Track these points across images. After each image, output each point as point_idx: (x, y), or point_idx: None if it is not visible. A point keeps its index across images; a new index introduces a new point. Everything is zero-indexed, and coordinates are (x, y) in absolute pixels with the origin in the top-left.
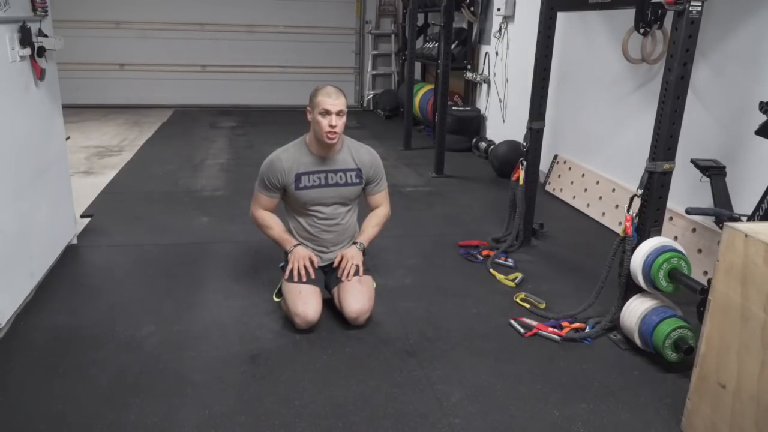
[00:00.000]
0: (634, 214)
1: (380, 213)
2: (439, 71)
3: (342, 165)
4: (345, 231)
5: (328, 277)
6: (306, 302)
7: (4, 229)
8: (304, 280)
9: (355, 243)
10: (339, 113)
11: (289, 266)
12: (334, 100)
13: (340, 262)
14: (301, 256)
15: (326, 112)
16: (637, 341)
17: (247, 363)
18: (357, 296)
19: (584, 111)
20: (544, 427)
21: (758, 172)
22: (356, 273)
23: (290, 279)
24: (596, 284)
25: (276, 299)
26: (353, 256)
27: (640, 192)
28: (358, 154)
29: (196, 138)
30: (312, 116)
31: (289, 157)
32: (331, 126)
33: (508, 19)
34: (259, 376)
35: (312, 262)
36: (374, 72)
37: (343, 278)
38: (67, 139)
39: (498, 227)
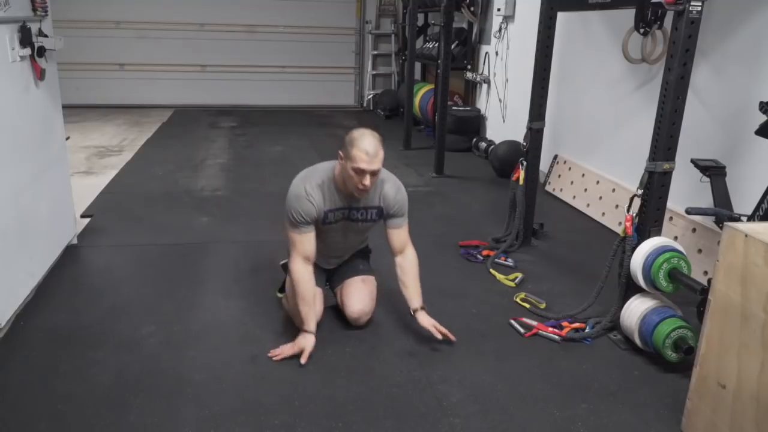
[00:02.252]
0: (634, 214)
1: (413, 261)
2: (439, 71)
3: (365, 202)
4: (356, 245)
5: (331, 276)
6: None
7: (4, 229)
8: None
9: (416, 311)
10: (374, 173)
11: (289, 346)
12: (370, 160)
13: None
14: (301, 346)
15: (361, 171)
16: (637, 341)
17: (247, 363)
18: (359, 297)
19: (584, 111)
20: (544, 427)
21: (758, 172)
22: (362, 273)
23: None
24: (596, 284)
25: (279, 295)
26: (432, 323)
27: (640, 192)
28: (383, 189)
29: (196, 138)
30: (344, 164)
31: (319, 197)
32: (364, 185)
33: (508, 19)
34: (259, 376)
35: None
36: (374, 72)
37: (440, 336)
38: (67, 139)
39: (498, 227)
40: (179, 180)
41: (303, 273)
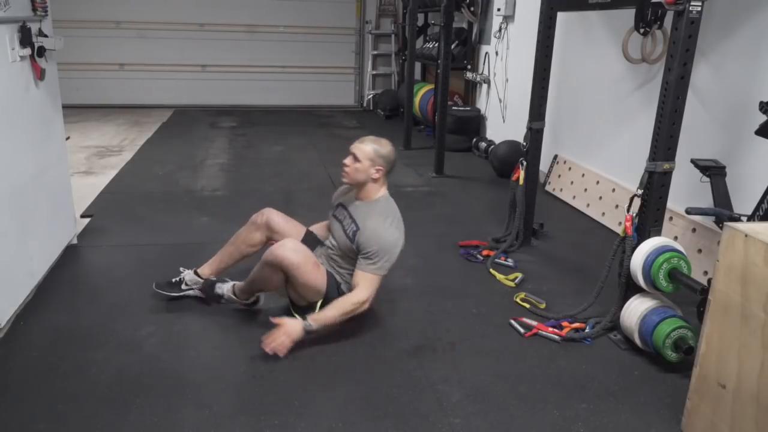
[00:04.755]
0: (634, 214)
1: (350, 297)
2: (439, 71)
3: (354, 214)
4: (336, 261)
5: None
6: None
7: (4, 229)
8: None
9: (304, 319)
10: (354, 156)
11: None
12: (356, 144)
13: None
14: (288, 333)
15: (348, 152)
16: (637, 341)
17: (247, 363)
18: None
19: (584, 111)
20: (544, 427)
21: (758, 172)
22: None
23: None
24: (596, 284)
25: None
26: (288, 333)
27: (640, 192)
28: (369, 218)
29: (196, 138)
30: None
31: (341, 189)
32: (344, 162)
33: (508, 19)
34: (259, 376)
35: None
36: (374, 72)
37: (264, 346)
38: (67, 139)
39: (498, 227)
40: (179, 180)
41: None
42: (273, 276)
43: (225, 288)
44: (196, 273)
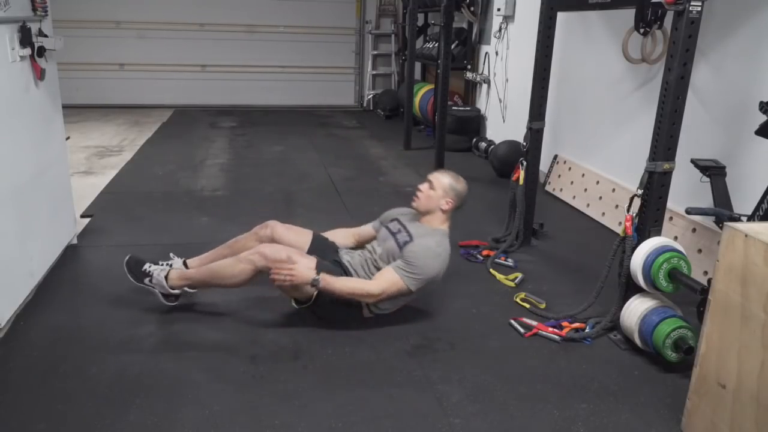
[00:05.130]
0: (634, 214)
1: (365, 284)
2: (439, 71)
3: (410, 229)
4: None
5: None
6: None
7: (4, 229)
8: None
9: (317, 276)
10: (430, 183)
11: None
12: (435, 173)
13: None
14: (297, 272)
15: (425, 179)
16: (637, 341)
17: (247, 363)
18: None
19: (584, 111)
20: (544, 427)
21: (758, 172)
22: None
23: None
24: (596, 284)
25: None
26: (298, 272)
27: (640, 192)
28: (424, 238)
29: (196, 138)
30: None
31: (400, 210)
32: (418, 188)
33: (508, 19)
34: (259, 376)
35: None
36: (374, 72)
37: (272, 275)
38: (67, 139)
39: (498, 227)
40: (179, 180)
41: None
42: (245, 276)
43: (157, 271)
44: (185, 263)
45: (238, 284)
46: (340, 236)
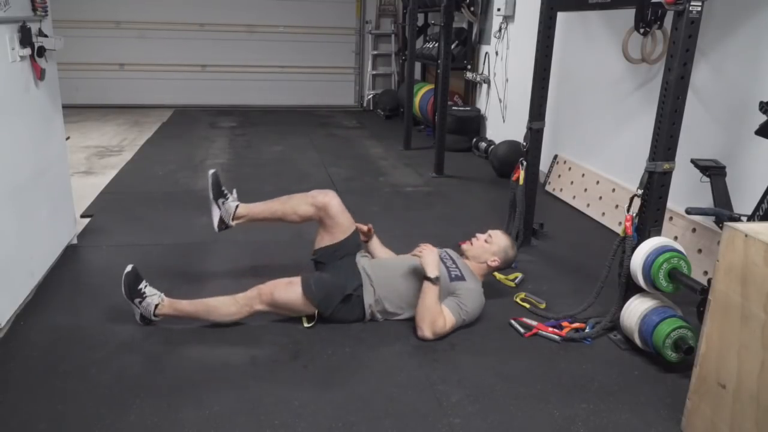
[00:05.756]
0: (634, 214)
1: (442, 314)
2: (439, 71)
3: (461, 268)
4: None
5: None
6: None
7: (4, 229)
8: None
9: (435, 277)
10: (489, 236)
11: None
12: (495, 230)
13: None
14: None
15: (484, 231)
16: (637, 341)
17: (247, 363)
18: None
19: (584, 111)
20: (544, 427)
21: (758, 172)
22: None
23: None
24: (596, 284)
25: (306, 325)
26: (431, 254)
27: (640, 192)
28: (473, 281)
29: (196, 138)
30: None
31: (446, 250)
32: (475, 235)
33: (508, 19)
34: (259, 376)
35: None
36: (374, 72)
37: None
38: (67, 139)
39: (498, 227)
40: (179, 180)
41: None
42: (240, 317)
43: (150, 298)
44: (236, 209)
45: (229, 322)
46: (372, 246)
